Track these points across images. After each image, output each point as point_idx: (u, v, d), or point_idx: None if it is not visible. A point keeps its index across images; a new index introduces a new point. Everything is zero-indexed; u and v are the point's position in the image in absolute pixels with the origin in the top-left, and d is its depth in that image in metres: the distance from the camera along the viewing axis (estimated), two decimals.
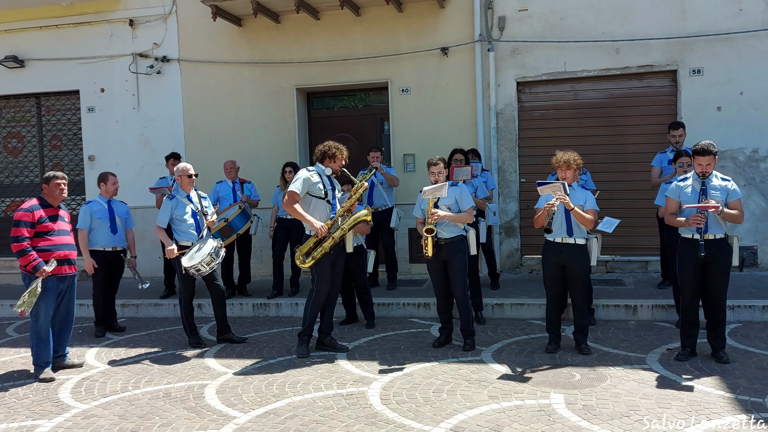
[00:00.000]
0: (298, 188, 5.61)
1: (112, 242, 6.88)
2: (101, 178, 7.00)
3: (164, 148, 9.34)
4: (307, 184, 5.68)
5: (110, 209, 6.91)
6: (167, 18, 9.48)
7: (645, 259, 8.32)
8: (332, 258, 5.78)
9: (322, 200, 5.72)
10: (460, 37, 8.62)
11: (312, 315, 5.79)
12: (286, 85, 9.18)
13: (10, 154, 10.57)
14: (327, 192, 5.74)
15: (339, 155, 5.77)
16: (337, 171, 5.81)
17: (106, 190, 6.94)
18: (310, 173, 5.71)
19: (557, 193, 5.21)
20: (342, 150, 5.81)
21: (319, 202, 5.73)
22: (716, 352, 5.11)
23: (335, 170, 5.80)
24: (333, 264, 5.81)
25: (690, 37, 8.00)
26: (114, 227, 6.86)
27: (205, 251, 5.96)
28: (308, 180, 5.68)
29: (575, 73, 8.39)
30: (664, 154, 7.23)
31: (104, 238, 6.85)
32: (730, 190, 4.97)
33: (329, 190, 5.77)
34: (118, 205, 7.03)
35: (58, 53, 9.88)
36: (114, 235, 6.88)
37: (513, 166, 8.70)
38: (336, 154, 5.76)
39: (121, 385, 5.19)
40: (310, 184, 5.68)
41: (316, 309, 5.81)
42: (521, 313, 6.95)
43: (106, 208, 6.90)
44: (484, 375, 5.02)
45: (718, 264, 4.98)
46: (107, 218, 6.84)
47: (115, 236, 6.89)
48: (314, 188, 5.69)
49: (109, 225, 6.84)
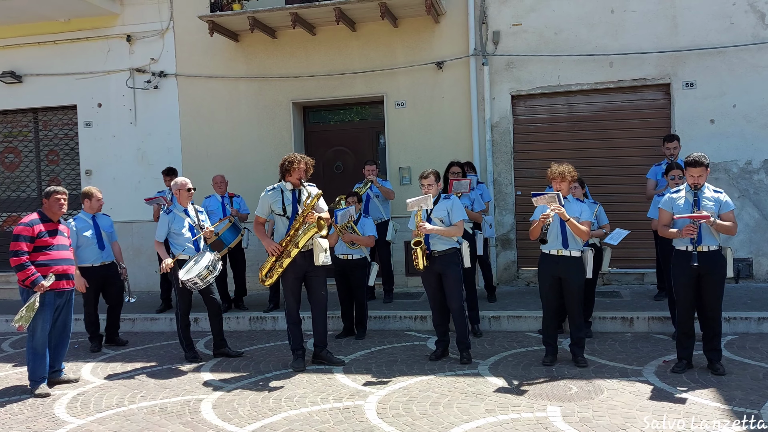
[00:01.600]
0: (258, 211, 5.74)
1: (100, 258, 6.85)
2: (85, 194, 6.90)
3: (161, 162, 9.36)
4: (266, 204, 5.72)
5: (95, 225, 6.86)
6: (164, 33, 9.55)
7: (641, 271, 8.34)
8: (299, 273, 5.70)
9: (282, 217, 5.72)
10: (455, 51, 8.70)
11: (289, 331, 5.80)
12: (282, 100, 9.24)
13: (6, 169, 10.58)
14: (285, 208, 5.67)
15: (295, 167, 5.62)
16: (296, 184, 5.67)
17: (91, 207, 6.86)
18: (267, 192, 5.74)
19: (552, 204, 5.24)
20: (298, 162, 5.62)
21: (281, 219, 5.74)
22: (712, 364, 5.12)
23: (294, 183, 5.67)
24: (306, 279, 5.76)
25: (682, 51, 8.09)
26: (101, 243, 6.83)
27: (202, 264, 5.97)
28: (265, 199, 5.72)
29: (569, 86, 8.47)
30: (659, 167, 7.28)
31: (92, 255, 6.81)
32: (723, 202, 5.00)
33: (288, 205, 5.67)
34: (102, 218, 6.98)
35: (55, 68, 9.93)
36: (102, 251, 6.85)
37: (508, 179, 8.74)
38: (290, 167, 5.63)
39: (116, 400, 5.17)
40: (270, 203, 5.71)
41: (289, 325, 5.79)
42: (518, 326, 6.95)
43: (92, 224, 6.85)
44: (480, 388, 5.02)
45: (712, 276, 5.00)
46: (94, 235, 6.80)
47: (102, 252, 6.86)
48: (274, 206, 5.70)
49: (96, 241, 6.81)
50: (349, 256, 6.82)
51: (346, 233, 6.74)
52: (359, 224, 6.90)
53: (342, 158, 9.40)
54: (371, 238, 6.86)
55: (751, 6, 7.89)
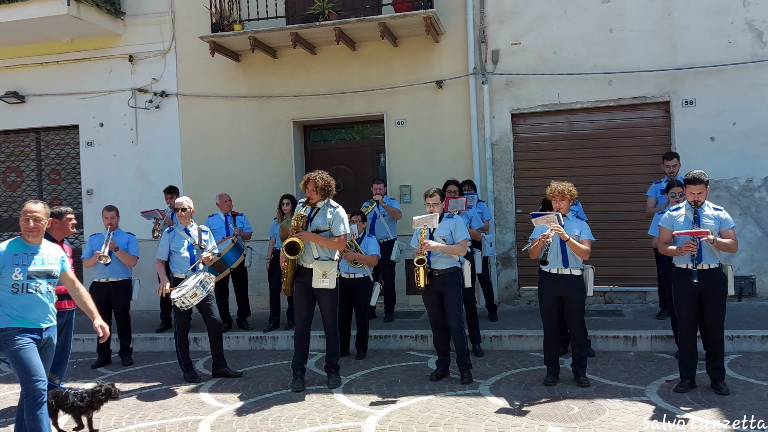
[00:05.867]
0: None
1: (104, 274, 6.93)
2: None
3: (162, 181, 9.38)
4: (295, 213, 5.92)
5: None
6: (166, 54, 9.63)
7: (643, 290, 8.29)
8: (302, 288, 5.75)
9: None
10: (455, 70, 8.75)
11: (294, 346, 5.85)
12: (283, 119, 9.28)
13: (8, 188, 10.61)
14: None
15: (304, 185, 5.72)
16: (309, 201, 5.73)
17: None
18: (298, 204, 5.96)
19: (552, 224, 5.23)
20: (306, 180, 5.69)
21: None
22: (716, 384, 5.07)
23: (309, 201, 5.75)
24: (300, 297, 5.79)
25: (681, 69, 8.12)
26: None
27: (192, 284, 5.96)
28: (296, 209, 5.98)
29: (569, 104, 8.49)
30: (659, 184, 7.27)
31: (97, 270, 6.91)
32: (723, 220, 4.99)
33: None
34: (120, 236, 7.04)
35: (58, 89, 9.99)
36: (107, 267, 6.89)
37: (509, 197, 8.74)
38: (304, 185, 5.74)
39: (114, 420, 5.12)
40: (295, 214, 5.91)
41: (295, 341, 5.84)
42: (520, 345, 6.90)
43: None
44: (481, 408, 4.96)
45: (713, 294, 4.97)
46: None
47: (107, 267, 6.90)
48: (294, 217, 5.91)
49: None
50: (351, 275, 6.79)
51: (348, 252, 6.73)
52: (362, 243, 6.88)
53: (343, 177, 9.40)
54: (374, 258, 6.84)
55: (748, 25, 7.94)
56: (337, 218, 5.66)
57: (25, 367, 4.08)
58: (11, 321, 4.10)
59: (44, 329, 4.22)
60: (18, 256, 4.15)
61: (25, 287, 4.15)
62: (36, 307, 4.19)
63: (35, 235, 4.22)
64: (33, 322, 4.17)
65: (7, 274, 4.10)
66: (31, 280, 4.16)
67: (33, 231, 4.20)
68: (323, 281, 5.56)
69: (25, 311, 4.13)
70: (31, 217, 4.20)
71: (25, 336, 4.12)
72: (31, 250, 4.24)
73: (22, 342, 4.08)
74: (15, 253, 4.15)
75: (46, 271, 4.25)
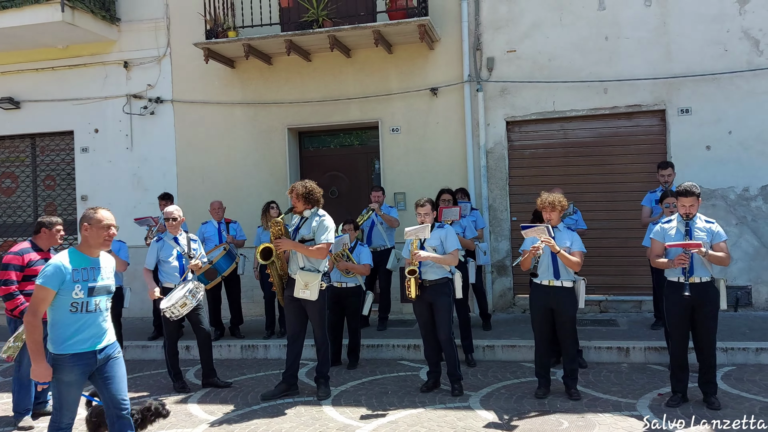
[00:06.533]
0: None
1: None
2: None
3: (157, 187, 9.36)
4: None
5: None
6: (161, 60, 9.60)
7: (639, 299, 8.23)
8: (287, 297, 5.74)
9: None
10: (450, 77, 8.71)
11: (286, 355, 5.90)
12: (277, 125, 9.24)
13: (3, 194, 10.59)
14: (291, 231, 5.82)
15: (290, 195, 5.71)
16: (295, 210, 5.73)
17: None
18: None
19: (542, 236, 5.18)
20: (290, 190, 5.70)
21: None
22: (707, 398, 5.01)
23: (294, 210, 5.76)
24: (289, 307, 5.78)
25: (677, 77, 8.07)
26: None
27: (180, 293, 5.92)
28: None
29: (564, 112, 8.45)
30: (654, 194, 7.22)
31: None
32: (715, 232, 4.93)
33: (290, 230, 5.78)
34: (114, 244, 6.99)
35: (53, 94, 9.97)
36: None
37: (504, 205, 8.69)
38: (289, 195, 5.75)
39: None
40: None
41: (287, 349, 5.87)
42: (513, 356, 6.84)
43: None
44: (470, 422, 4.91)
45: (705, 308, 4.91)
46: None
47: None
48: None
49: None
50: (343, 284, 6.75)
51: (341, 261, 6.69)
52: (355, 252, 6.84)
53: (337, 183, 9.37)
54: (366, 267, 6.79)
55: (744, 33, 7.89)
56: (321, 227, 5.59)
57: (63, 399, 3.78)
58: (64, 347, 3.72)
59: (99, 351, 3.81)
60: (78, 271, 3.73)
61: (85, 306, 3.74)
62: (92, 327, 3.78)
63: (107, 247, 3.90)
64: (88, 346, 3.76)
65: (66, 291, 3.69)
66: (91, 297, 3.76)
67: (109, 243, 3.85)
68: (304, 292, 5.50)
69: (81, 333, 3.73)
70: (113, 226, 3.86)
71: (75, 369, 3.73)
72: (92, 263, 3.83)
73: (72, 374, 3.72)
74: (76, 267, 3.73)
75: (106, 287, 3.87)
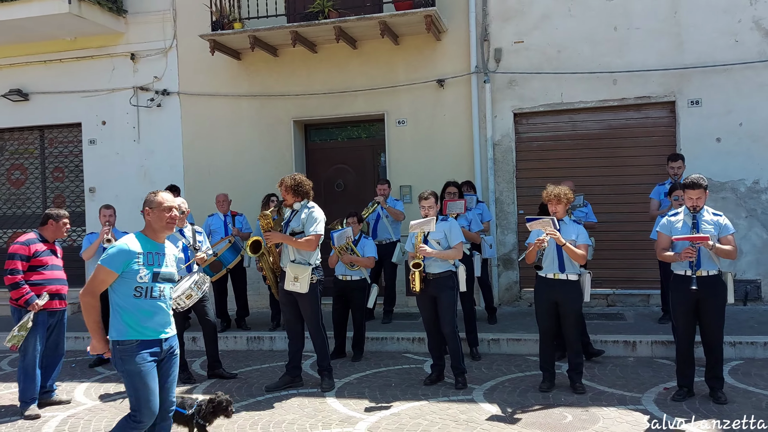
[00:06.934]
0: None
1: None
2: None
3: (164, 179, 9.36)
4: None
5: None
6: (168, 52, 9.60)
7: (647, 293, 8.17)
8: (282, 295, 5.74)
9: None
10: (457, 69, 8.64)
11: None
12: (283, 118, 9.23)
13: (13, 185, 10.66)
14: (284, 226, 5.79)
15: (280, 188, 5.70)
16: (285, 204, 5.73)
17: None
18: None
19: (547, 229, 5.13)
20: (279, 183, 5.69)
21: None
22: (714, 392, 4.96)
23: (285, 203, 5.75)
24: (284, 301, 5.77)
25: (687, 68, 7.96)
26: None
27: (186, 285, 5.92)
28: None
29: (572, 104, 8.37)
30: (663, 186, 7.15)
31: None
32: (722, 225, 4.86)
33: (284, 224, 5.74)
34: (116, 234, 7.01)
35: (61, 87, 10.01)
36: None
37: (511, 198, 8.63)
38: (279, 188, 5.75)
39: (105, 423, 5.10)
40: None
41: (288, 342, 5.94)
42: (518, 349, 6.81)
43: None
44: (473, 415, 4.89)
45: (712, 302, 4.85)
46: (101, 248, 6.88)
47: None
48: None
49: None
50: (348, 277, 6.75)
51: (345, 254, 6.67)
52: (359, 245, 6.82)
53: (343, 176, 9.35)
54: (371, 260, 6.78)
55: (756, 24, 7.76)
56: (311, 218, 5.53)
57: (139, 394, 3.55)
58: (130, 332, 3.55)
59: (164, 340, 3.66)
60: (144, 255, 3.61)
61: (150, 291, 3.61)
62: (157, 314, 3.63)
63: (171, 230, 3.77)
64: (153, 333, 3.60)
65: (131, 275, 3.56)
66: (155, 284, 3.63)
67: (172, 225, 3.72)
68: (294, 284, 5.49)
69: (146, 319, 3.58)
70: (176, 208, 3.74)
71: (145, 354, 3.55)
72: (158, 248, 3.71)
73: (142, 362, 3.52)
74: (142, 251, 3.61)
75: (170, 274, 3.74)
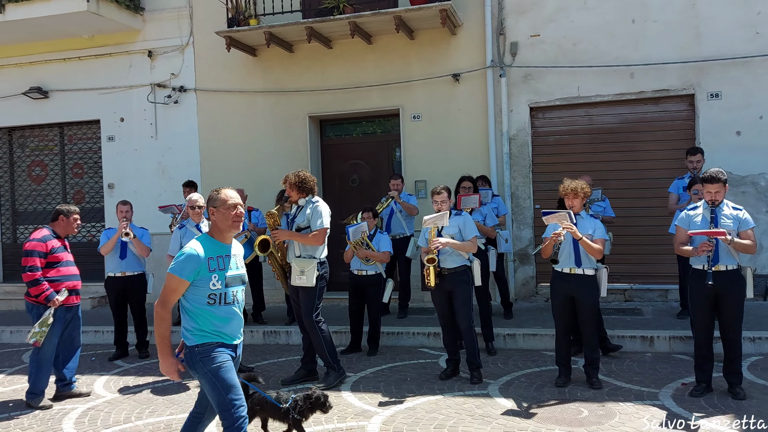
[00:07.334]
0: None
1: (120, 268, 7.01)
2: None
3: (181, 175, 9.46)
4: None
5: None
6: (184, 49, 9.68)
7: (665, 288, 8.09)
8: (291, 290, 5.79)
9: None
10: (472, 63, 8.61)
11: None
12: (299, 113, 9.26)
13: (34, 181, 10.83)
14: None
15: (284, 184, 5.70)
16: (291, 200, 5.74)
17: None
18: None
19: (564, 223, 5.11)
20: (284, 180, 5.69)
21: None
22: (732, 388, 4.91)
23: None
24: (292, 295, 5.82)
25: (706, 61, 7.86)
26: (123, 253, 6.94)
27: None
28: None
29: (589, 98, 8.29)
30: (682, 180, 7.08)
31: (112, 264, 7.02)
32: (742, 220, 4.80)
33: (289, 219, 5.75)
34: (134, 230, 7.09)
35: (80, 84, 10.13)
36: (122, 261, 6.98)
37: (527, 192, 8.59)
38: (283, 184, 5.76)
39: (124, 415, 5.18)
40: None
41: (302, 336, 6.00)
42: (534, 344, 6.79)
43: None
44: (488, 410, 4.89)
45: (730, 296, 4.80)
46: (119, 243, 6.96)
47: (123, 262, 6.99)
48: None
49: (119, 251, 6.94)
50: (363, 272, 6.76)
51: (360, 249, 6.69)
52: (374, 240, 6.84)
53: (358, 171, 9.36)
54: (386, 254, 6.79)
55: None
56: (315, 213, 5.52)
57: (225, 390, 3.34)
58: (208, 337, 3.36)
59: (237, 345, 3.50)
60: (214, 260, 3.38)
61: (224, 297, 3.40)
62: (232, 320, 3.44)
63: (238, 228, 3.52)
64: (229, 338, 3.43)
65: (203, 282, 3.34)
66: (229, 288, 3.42)
67: (239, 224, 3.46)
68: (301, 278, 5.53)
69: (222, 326, 3.39)
70: (240, 204, 3.45)
71: (223, 352, 3.37)
72: (226, 250, 3.47)
73: (222, 359, 3.35)
74: (210, 256, 3.37)
75: (241, 276, 3.52)
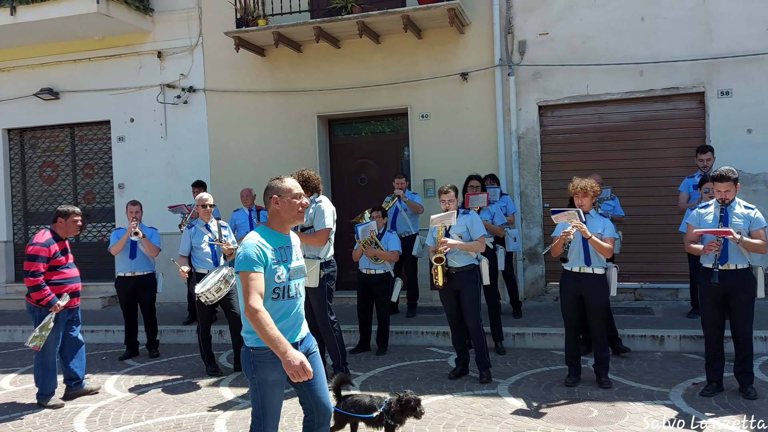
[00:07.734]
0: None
1: (130, 267, 7.04)
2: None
3: (190, 175, 9.51)
4: None
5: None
6: (193, 49, 9.72)
7: (675, 287, 8.04)
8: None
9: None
10: (480, 62, 8.59)
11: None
12: (307, 113, 9.27)
13: (45, 182, 10.92)
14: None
15: None
16: None
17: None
18: None
19: (573, 221, 5.09)
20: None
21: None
22: (743, 388, 4.88)
23: None
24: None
25: (717, 58, 7.80)
26: (133, 253, 6.98)
27: (215, 279, 6.00)
28: None
29: (598, 96, 8.25)
30: (692, 179, 7.03)
31: (122, 263, 7.06)
32: (753, 219, 4.76)
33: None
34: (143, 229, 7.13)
35: (90, 85, 10.20)
36: (132, 260, 7.02)
37: (536, 191, 8.56)
38: None
39: (135, 414, 5.22)
40: None
41: None
42: (543, 344, 6.77)
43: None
44: (497, 409, 4.88)
45: (740, 295, 4.77)
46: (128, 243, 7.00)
47: (133, 261, 7.02)
48: None
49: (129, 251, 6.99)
50: (372, 271, 6.77)
51: (369, 248, 6.69)
52: (383, 239, 6.84)
53: (367, 171, 9.37)
54: (395, 253, 6.79)
55: None
56: (318, 212, 5.47)
57: (266, 403, 3.21)
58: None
59: (299, 342, 3.26)
60: (277, 251, 3.19)
61: (287, 290, 3.21)
62: (293, 315, 3.24)
63: (302, 219, 3.33)
64: (290, 336, 3.19)
65: (270, 275, 3.14)
66: (291, 281, 3.22)
67: (303, 214, 3.30)
68: (308, 280, 5.49)
69: (282, 322, 3.17)
70: (303, 194, 3.30)
71: (279, 365, 3.09)
72: (287, 241, 3.28)
73: (274, 375, 3.16)
74: (274, 247, 3.18)
75: (302, 268, 3.33)
